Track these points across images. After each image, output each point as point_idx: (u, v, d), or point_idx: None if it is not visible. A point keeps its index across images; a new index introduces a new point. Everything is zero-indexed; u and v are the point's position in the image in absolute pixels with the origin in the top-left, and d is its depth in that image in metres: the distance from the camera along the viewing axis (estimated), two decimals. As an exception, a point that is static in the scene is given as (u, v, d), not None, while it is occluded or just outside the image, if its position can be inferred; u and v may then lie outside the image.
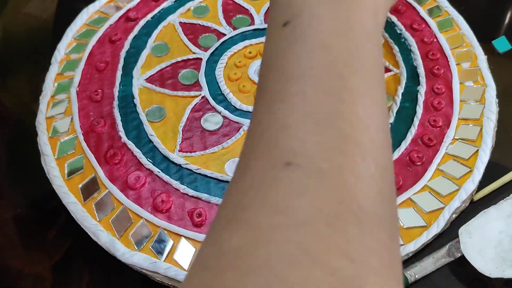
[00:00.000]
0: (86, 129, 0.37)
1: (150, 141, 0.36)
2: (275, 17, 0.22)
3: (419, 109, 0.36)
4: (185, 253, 0.30)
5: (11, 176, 0.37)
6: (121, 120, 0.37)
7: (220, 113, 0.37)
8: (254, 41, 0.42)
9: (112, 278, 0.32)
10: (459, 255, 0.30)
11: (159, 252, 0.30)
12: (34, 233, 0.34)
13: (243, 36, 0.42)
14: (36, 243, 0.33)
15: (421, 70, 0.39)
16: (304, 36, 0.20)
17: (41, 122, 0.37)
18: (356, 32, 0.20)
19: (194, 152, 0.35)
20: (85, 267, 0.32)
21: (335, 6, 0.20)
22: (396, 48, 0.40)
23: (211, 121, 0.36)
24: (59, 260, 0.32)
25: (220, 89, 0.38)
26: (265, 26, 0.43)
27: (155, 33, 0.43)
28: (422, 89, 0.37)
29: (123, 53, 0.41)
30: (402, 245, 0.30)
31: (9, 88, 0.43)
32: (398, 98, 0.37)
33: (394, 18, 0.43)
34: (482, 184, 0.33)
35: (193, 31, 0.43)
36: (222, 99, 0.38)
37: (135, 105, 0.38)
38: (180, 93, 0.38)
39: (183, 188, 0.33)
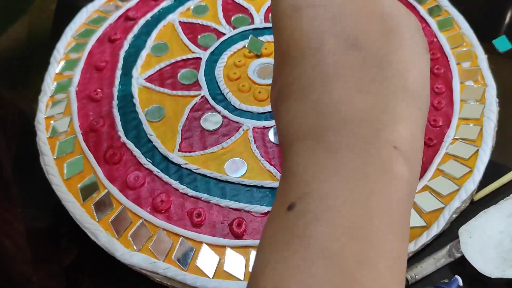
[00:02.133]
0: (85, 129, 0.36)
1: (150, 141, 0.35)
2: (280, 195, 0.18)
3: (419, 109, 0.36)
4: (184, 254, 0.30)
5: (11, 176, 0.37)
6: (120, 119, 0.37)
7: (219, 112, 0.37)
8: (253, 40, 0.41)
9: (111, 279, 0.31)
10: (460, 255, 0.29)
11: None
12: (43, 241, 0.34)
13: (243, 36, 0.42)
14: (33, 241, 0.33)
15: (421, 70, 0.39)
16: (306, 231, 0.16)
17: (40, 122, 0.37)
18: (375, 223, 0.16)
19: (194, 151, 0.35)
20: (84, 267, 0.32)
21: (354, 183, 0.17)
22: (396, 48, 0.40)
23: (210, 121, 0.36)
24: (58, 260, 0.32)
25: (220, 89, 0.38)
26: (265, 25, 0.43)
27: (155, 33, 0.43)
28: (422, 88, 0.37)
29: (122, 53, 0.41)
30: (402, 245, 0.30)
31: (8, 87, 0.43)
32: (398, 98, 0.37)
33: (394, 18, 0.43)
34: (482, 184, 0.33)
35: (192, 31, 0.43)
36: (221, 99, 0.38)
37: (134, 105, 0.38)
38: (179, 92, 0.38)
39: (182, 188, 0.33)
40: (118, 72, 0.40)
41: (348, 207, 0.16)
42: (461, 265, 0.29)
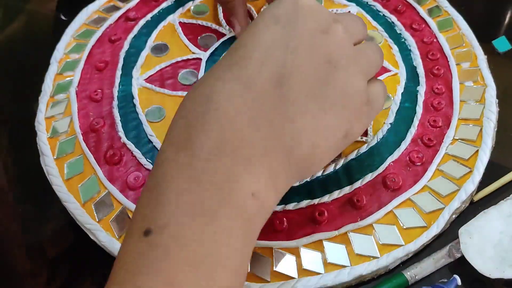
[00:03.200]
0: (86, 129, 0.36)
1: (150, 141, 0.35)
2: (136, 221, 0.20)
3: (419, 109, 0.36)
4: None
5: (11, 176, 0.37)
6: (120, 120, 0.37)
7: (219, 113, 0.37)
8: (253, 41, 0.41)
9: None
10: (459, 255, 0.29)
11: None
12: (33, 232, 0.34)
13: (243, 36, 0.42)
14: (34, 241, 0.33)
15: (421, 70, 0.39)
16: (155, 265, 0.18)
17: (40, 122, 0.37)
18: (213, 259, 0.19)
19: (194, 152, 0.35)
20: (85, 267, 0.32)
21: (207, 224, 0.19)
22: (395, 48, 0.40)
23: (210, 121, 0.36)
24: (58, 260, 0.32)
25: (220, 89, 0.38)
26: (265, 26, 0.43)
27: (155, 33, 0.43)
28: (422, 89, 0.37)
29: (122, 53, 0.41)
30: (402, 245, 0.30)
31: (8, 87, 0.43)
32: (398, 98, 0.37)
33: (394, 18, 0.43)
34: (482, 185, 0.33)
35: (192, 31, 0.43)
36: (221, 99, 0.38)
37: (134, 105, 0.38)
38: (179, 93, 0.38)
39: (182, 189, 0.33)
40: (118, 73, 0.40)
41: (196, 247, 0.19)
42: (460, 266, 0.29)
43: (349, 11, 0.27)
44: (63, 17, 0.45)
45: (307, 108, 0.22)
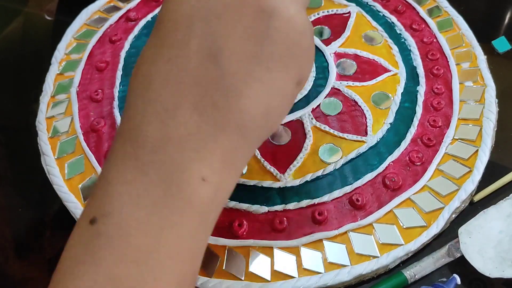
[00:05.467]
0: (86, 129, 0.37)
1: (150, 141, 0.36)
2: (84, 210, 0.20)
3: (419, 109, 0.36)
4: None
5: (11, 176, 0.37)
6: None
7: (220, 113, 0.37)
8: (254, 41, 0.42)
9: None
10: (459, 255, 0.30)
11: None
12: (31, 235, 0.34)
13: (243, 36, 0.42)
14: (34, 241, 0.33)
15: (421, 70, 0.39)
16: (99, 253, 0.18)
17: (41, 122, 0.37)
18: (162, 252, 0.19)
19: (194, 152, 0.35)
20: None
21: (152, 213, 0.19)
22: (395, 48, 0.40)
23: (211, 121, 0.36)
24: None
25: (220, 89, 0.38)
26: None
27: (155, 33, 0.43)
28: (422, 89, 0.37)
29: (123, 53, 0.41)
30: (402, 245, 0.30)
31: (8, 88, 0.43)
32: (398, 98, 0.37)
33: (394, 19, 0.43)
34: (482, 185, 0.33)
35: (193, 31, 0.43)
36: (222, 99, 0.38)
37: (135, 105, 0.38)
38: (180, 93, 0.38)
39: (183, 188, 0.33)
40: (119, 73, 0.40)
41: (140, 238, 0.18)
42: (460, 265, 0.29)
43: None
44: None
45: (250, 75, 0.20)
